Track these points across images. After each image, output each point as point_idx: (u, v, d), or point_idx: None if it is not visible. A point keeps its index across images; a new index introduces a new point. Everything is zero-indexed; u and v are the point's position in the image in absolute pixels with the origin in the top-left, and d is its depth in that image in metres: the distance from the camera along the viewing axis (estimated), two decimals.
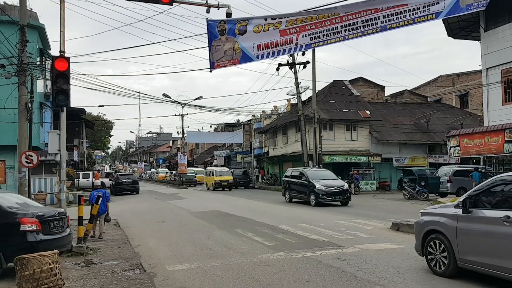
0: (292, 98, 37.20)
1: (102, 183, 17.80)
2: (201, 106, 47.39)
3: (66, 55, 11.06)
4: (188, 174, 48.77)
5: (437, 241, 7.09)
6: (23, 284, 5.61)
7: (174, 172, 60.47)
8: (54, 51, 45.58)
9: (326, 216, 15.98)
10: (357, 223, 13.74)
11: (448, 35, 25.63)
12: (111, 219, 13.86)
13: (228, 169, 42.34)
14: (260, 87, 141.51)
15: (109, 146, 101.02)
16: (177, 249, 10.21)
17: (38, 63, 22.26)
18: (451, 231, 6.79)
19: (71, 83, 10.79)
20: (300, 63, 31.80)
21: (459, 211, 6.69)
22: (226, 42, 8.22)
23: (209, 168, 44.76)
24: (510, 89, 21.19)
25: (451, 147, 23.02)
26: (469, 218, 6.53)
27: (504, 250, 5.87)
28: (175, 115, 51.65)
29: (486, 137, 20.28)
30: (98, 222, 12.30)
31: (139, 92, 43.77)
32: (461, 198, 6.78)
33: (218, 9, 11.69)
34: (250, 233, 12.08)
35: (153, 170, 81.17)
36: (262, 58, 8.22)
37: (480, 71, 25.56)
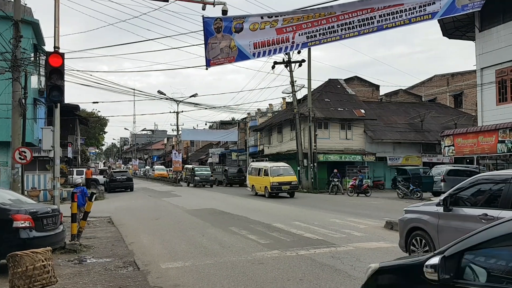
0: (288, 96, 37.24)
1: (95, 179, 17.72)
2: (196, 104, 47.47)
3: (61, 51, 10.99)
4: (203, 172, 41.81)
5: (419, 238, 7.26)
6: (15, 281, 5.57)
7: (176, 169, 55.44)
8: (49, 47, 45.25)
9: (320, 215, 16.01)
10: (351, 222, 13.78)
11: (443, 35, 25.73)
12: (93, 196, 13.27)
13: (288, 165, 27.67)
14: (255, 85, 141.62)
15: (104, 143, 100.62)
16: (171, 247, 10.19)
17: (32, 58, 22.10)
18: (432, 228, 6.99)
19: (65, 79, 10.72)
20: (295, 62, 31.84)
21: (440, 209, 6.89)
22: (222, 39, 8.20)
23: (256, 164, 30.42)
24: (504, 89, 21.30)
25: (445, 146, 23.15)
26: (450, 215, 6.72)
27: None
28: (170, 112, 51.71)
29: (480, 137, 20.42)
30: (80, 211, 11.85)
31: (133, 89, 43.73)
32: (442, 196, 6.98)
33: (214, 7, 11.66)
34: (245, 231, 12.08)
35: (147, 167, 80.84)
36: (258, 56, 8.20)
37: (474, 71, 25.69)
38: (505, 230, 2.88)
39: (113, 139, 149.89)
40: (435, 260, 2.99)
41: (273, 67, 31.75)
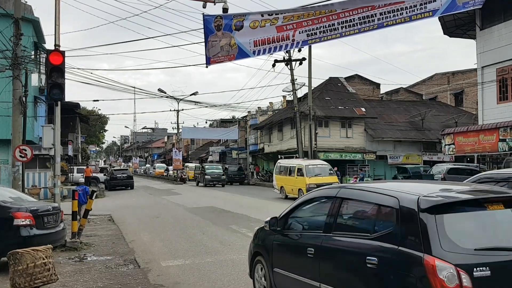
0: (288, 94, 37.20)
1: (96, 177, 17.87)
2: (197, 102, 47.08)
3: (61, 49, 11.00)
4: (214, 170, 37.96)
5: None
6: (16, 278, 5.58)
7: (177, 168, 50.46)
8: (49, 45, 45.25)
9: None
10: None
11: (444, 33, 25.70)
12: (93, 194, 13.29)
13: (327, 163, 24.19)
14: (256, 84, 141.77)
15: (104, 141, 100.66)
16: (171, 245, 10.20)
17: (33, 56, 22.10)
18: None
19: (66, 77, 10.72)
20: (296, 60, 31.76)
21: None
22: (223, 37, 8.18)
23: (285, 162, 26.38)
24: (505, 88, 21.30)
25: (445, 145, 23.14)
26: None
27: None
28: (170, 110, 51.60)
29: (481, 136, 20.41)
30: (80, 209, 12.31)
31: (134, 87, 43.70)
32: None
33: (215, 4, 11.63)
34: (245, 229, 12.08)
35: (148, 165, 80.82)
36: (258, 54, 8.19)
37: (475, 69, 25.66)
38: (300, 201, 5.48)
39: (114, 137, 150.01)
40: (269, 219, 5.65)
41: (273, 65, 31.67)
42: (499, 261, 3.41)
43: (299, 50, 30.65)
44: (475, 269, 3.29)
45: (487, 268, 3.32)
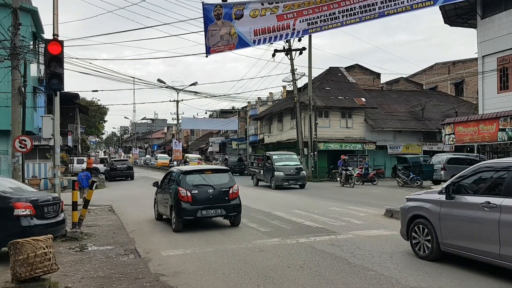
0: (288, 85, 37.12)
1: (96, 168, 18.53)
2: (196, 92, 47.07)
3: (60, 38, 10.92)
4: (287, 163, 24.51)
5: (421, 226, 7.28)
6: (17, 268, 5.59)
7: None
8: (48, 35, 44.95)
9: (320, 203, 16.05)
10: (351, 210, 13.81)
11: (445, 22, 25.54)
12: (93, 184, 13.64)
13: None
14: (256, 73, 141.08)
15: (103, 131, 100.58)
16: (171, 235, 10.23)
17: (31, 46, 21.97)
18: (434, 216, 6.97)
19: (64, 67, 10.67)
20: (296, 50, 31.65)
21: (443, 197, 6.88)
22: (222, 26, 8.12)
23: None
24: (505, 77, 21.22)
25: (445, 135, 23.13)
26: (452, 203, 6.71)
27: (483, 235, 6.08)
28: (170, 101, 51.51)
29: (481, 125, 20.38)
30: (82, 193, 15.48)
31: (133, 77, 43.45)
32: (445, 184, 6.96)
33: None
34: (245, 219, 12.11)
35: (148, 156, 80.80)
36: (258, 43, 8.12)
37: (476, 59, 25.55)
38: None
39: (113, 128, 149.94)
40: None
41: (273, 55, 31.58)
42: (198, 187, 10.75)
43: (299, 40, 30.60)
44: (192, 191, 10.55)
45: (197, 190, 10.62)
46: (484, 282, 6.00)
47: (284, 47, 31.65)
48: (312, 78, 33.04)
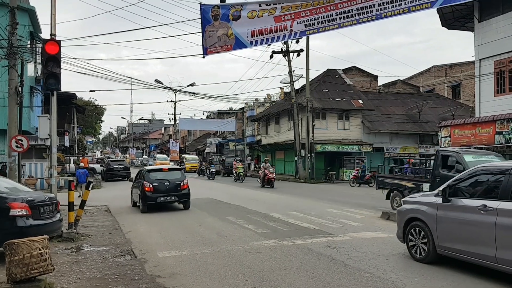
0: (285, 86, 37.11)
1: (92, 168, 18.61)
2: (194, 93, 47.10)
3: (57, 38, 10.89)
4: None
5: (417, 229, 7.29)
6: (12, 269, 5.57)
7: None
8: (45, 34, 44.84)
9: (317, 205, 16.05)
10: (347, 212, 13.82)
11: (442, 25, 25.57)
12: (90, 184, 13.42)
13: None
14: (253, 75, 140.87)
15: (100, 132, 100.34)
16: (168, 236, 10.21)
17: (29, 46, 21.91)
18: (431, 219, 6.99)
19: (62, 67, 10.63)
20: (294, 51, 31.71)
21: (439, 200, 6.89)
22: (220, 27, 8.11)
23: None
24: (502, 80, 21.27)
25: (442, 137, 23.14)
26: (448, 206, 6.72)
27: (480, 238, 6.10)
28: (168, 101, 51.41)
29: (477, 128, 20.41)
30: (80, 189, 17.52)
31: (131, 78, 43.41)
32: (441, 187, 6.95)
33: None
34: (242, 220, 12.10)
35: (145, 156, 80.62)
36: (256, 44, 8.12)
37: (473, 62, 25.62)
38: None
39: (110, 128, 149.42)
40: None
41: (271, 57, 31.63)
42: (158, 181, 14.68)
43: (297, 41, 30.61)
44: (153, 183, 14.35)
45: (157, 183, 14.48)
46: (480, 285, 6.01)
47: (282, 49, 31.71)
48: (310, 79, 33.09)
